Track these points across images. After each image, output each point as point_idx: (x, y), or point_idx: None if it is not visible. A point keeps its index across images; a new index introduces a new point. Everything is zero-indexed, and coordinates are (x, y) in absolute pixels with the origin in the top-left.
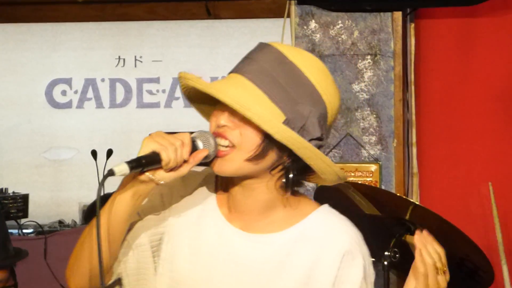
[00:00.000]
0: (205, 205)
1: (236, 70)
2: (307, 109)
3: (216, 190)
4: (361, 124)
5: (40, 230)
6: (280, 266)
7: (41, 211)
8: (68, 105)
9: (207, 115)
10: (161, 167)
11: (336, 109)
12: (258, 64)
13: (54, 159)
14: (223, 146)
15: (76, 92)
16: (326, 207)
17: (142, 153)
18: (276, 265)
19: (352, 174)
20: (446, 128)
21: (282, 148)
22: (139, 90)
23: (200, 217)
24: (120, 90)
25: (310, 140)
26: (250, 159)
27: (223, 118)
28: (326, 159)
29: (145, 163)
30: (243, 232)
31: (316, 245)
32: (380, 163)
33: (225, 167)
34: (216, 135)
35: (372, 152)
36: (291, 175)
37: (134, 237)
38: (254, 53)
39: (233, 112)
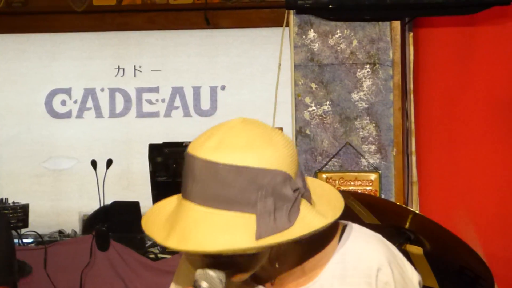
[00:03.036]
0: None
1: (185, 195)
2: (269, 203)
3: None
4: (361, 133)
5: (40, 240)
6: None
7: (41, 220)
8: (67, 115)
9: None
10: None
11: (289, 152)
12: (199, 184)
13: (54, 169)
14: None
15: (75, 102)
16: (347, 236)
17: None
18: None
19: (352, 183)
20: (446, 136)
21: None
22: (139, 100)
23: None
24: (119, 100)
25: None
26: (252, 269)
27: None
28: (310, 226)
29: None
30: None
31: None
32: (380, 172)
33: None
34: None
35: (371, 161)
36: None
37: None
38: (189, 173)
39: None
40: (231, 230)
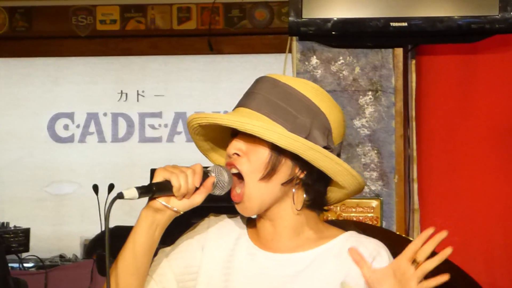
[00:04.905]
0: (237, 240)
1: (238, 104)
2: (308, 121)
3: (247, 225)
4: (362, 159)
5: (41, 265)
6: (299, 279)
7: (42, 245)
8: (70, 139)
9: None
10: (173, 195)
11: (339, 123)
12: (255, 93)
13: (56, 193)
14: (234, 174)
15: (78, 126)
16: (353, 232)
17: (154, 182)
18: (296, 279)
19: (353, 209)
20: (447, 163)
21: (293, 161)
22: (141, 125)
23: (233, 250)
24: (122, 125)
25: None
26: (262, 178)
27: (232, 147)
28: (335, 157)
29: (155, 190)
30: (272, 254)
31: (340, 259)
32: (381, 198)
33: (247, 207)
34: (227, 165)
35: (373, 187)
36: (309, 186)
37: (159, 275)
38: (251, 87)
39: (241, 140)
40: (271, 126)
